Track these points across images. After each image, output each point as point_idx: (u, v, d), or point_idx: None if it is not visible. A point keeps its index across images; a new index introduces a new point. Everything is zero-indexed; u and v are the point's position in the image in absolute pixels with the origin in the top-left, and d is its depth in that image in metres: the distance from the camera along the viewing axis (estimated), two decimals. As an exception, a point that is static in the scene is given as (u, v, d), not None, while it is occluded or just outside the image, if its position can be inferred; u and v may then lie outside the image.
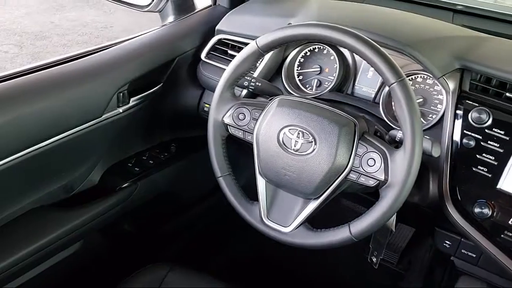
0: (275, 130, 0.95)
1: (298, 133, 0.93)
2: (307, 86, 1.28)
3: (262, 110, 0.99)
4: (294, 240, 0.96)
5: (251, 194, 1.05)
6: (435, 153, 0.91)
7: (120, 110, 1.18)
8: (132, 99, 1.21)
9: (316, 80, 1.26)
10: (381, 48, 0.87)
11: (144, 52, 1.24)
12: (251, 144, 1.00)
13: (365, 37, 0.88)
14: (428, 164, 1.07)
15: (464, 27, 1.28)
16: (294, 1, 1.39)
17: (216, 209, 1.59)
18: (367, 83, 1.22)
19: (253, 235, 1.05)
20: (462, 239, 1.14)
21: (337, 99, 1.20)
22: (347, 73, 1.24)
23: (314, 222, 0.97)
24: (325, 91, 1.22)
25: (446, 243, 1.16)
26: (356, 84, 1.24)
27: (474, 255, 1.13)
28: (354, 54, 1.06)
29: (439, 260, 1.34)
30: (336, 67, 1.21)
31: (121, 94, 1.17)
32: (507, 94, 1.00)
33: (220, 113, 1.03)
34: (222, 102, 1.03)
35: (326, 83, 1.24)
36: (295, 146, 0.93)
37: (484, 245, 0.98)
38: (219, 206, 1.03)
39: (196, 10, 1.46)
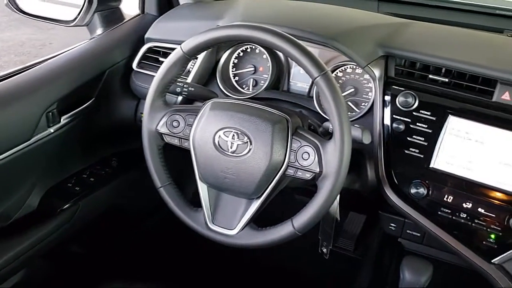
0: (210, 134, 0.95)
1: (233, 135, 0.93)
2: (244, 86, 1.28)
3: (196, 115, 0.99)
4: (241, 241, 0.96)
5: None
6: (366, 140, 0.93)
7: (51, 130, 1.14)
8: (63, 117, 1.17)
9: (252, 80, 1.27)
10: (302, 44, 0.88)
11: (71, 68, 1.20)
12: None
13: (286, 34, 0.89)
14: (363, 151, 1.10)
15: (389, 15, 1.33)
16: (222, 3, 1.39)
17: (170, 220, 1.57)
18: (301, 79, 1.24)
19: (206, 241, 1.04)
20: (405, 220, 1.17)
21: (274, 97, 1.21)
22: (281, 71, 1.25)
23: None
24: (261, 90, 1.23)
25: (391, 225, 1.20)
26: (291, 80, 1.26)
27: (419, 234, 1.17)
28: None
29: (388, 242, 1.38)
30: (269, 65, 1.23)
31: (50, 113, 1.13)
32: (430, 76, 1.04)
33: (153, 122, 1.02)
34: (154, 111, 1.02)
35: (262, 82, 1.25)
36: (231, 148, 0.93)
37: (424, 224, 1.02)
38: (172, 216, 1.02)
39: (124, 21, 1.43)
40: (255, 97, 1.21)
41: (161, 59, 1.29)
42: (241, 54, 1.28)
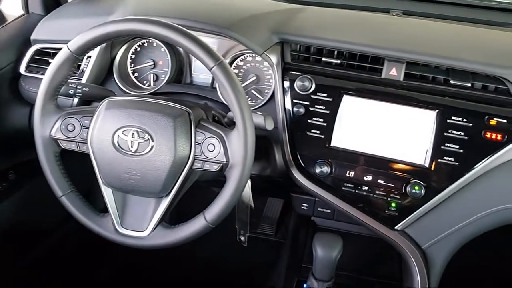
0: (108, 134, 0.91)
1: (133, 133, 0.90)
2: (144, 82, 1.25)
3: (91, 116, 0.94)
4: (153, 242, 0.94)
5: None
6: (269, 126, 0.95)
7: None
8: None
9: (152, 75, 1.24)
10: (195, 35, 0.87)
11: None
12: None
13: (177, 25, 0.87)
14: (270, 137, 1.12)
15: (283, 1, 1.36)
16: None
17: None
18: (203, 70, 1.23)
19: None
20: (316, 199, 1.22)
21: (177, 90, 1.19)
22: (182, 63, 1.24)
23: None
24: (162, 84, 1.20)
25: (303, 205, 1.24)
26: (193, 72, 1.24)
27: (329, 211, 1.22)
28: None
29: (303, 222, 1.43)
30: (168, 59, 1.20)
31: None
32: (324, 59, 1.07)
33: (46, 128, 0.95)
34: (46, 116, 0.95)
35: (163, 76, 1.23)
36: (132, 148, 0.90)
37: (331, 200, 1.06)
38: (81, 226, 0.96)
39: (6, 22, 1.32)
40: (157, 92, 1.18)
41: (51, 60, 1.21)
42: (138, 49, 1.24)
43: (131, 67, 1.24)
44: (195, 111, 0.94)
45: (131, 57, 1.24)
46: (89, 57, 1.17)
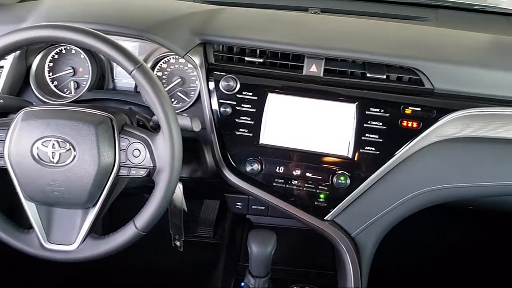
0: (26, 146, 0.86)
1: (53, 144, 0.86)
2: (65, 90, 1.20)
3: (7, 129, 0.89)
4: (83, 255, 0.91)
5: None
6: (196, 127, 0.95)
7: None
8: None
9: (72, 83, 1.20)
10: (111, 39, 0.85)
11: None
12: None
13: (92, 30, 0.85)
14: (199, 139, 1.12)
15: (205, 3, 1.36)
16: (26, 5, 1.26)
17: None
18: (125, 75, 1.20)
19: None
20: (249, 197, 1.23)
21: (99, 97, 1.16)
22: (103, 69, 1.20)
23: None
24: (84, 91, 1.16)
25: (237, 204, 1.25)
26: (115, 78, 1.22)
27: (263, 208, 1.24)
28: None
29: (239, 221, 1.44)
30: (89, 65, 1.17)
31: None
32: (247, 58, 1.09)
33: None
34: None
35: (84, 83, 1.19)
36: (53, 158, 0.86)
37: (263, 197, 1.08)
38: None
39: None
40: (78, 100, 1.14)
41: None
42: (56, 56, 1.19)
43: (49, 76, 1.19)
44: (118, 117, 0.92)
45: (49, 65, 1.19)
46: (1, 67, 1.11)
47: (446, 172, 1.04)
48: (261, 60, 1.08)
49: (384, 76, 1.05)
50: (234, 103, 1.06)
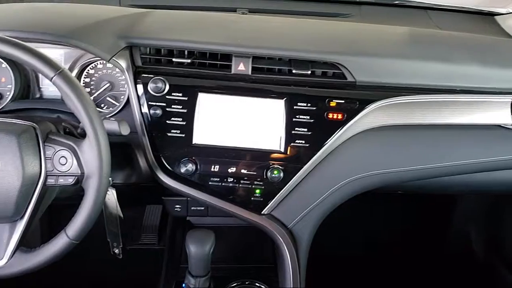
0: None
1: None
2: (-14, 102, 1.15)
3: None
4: (13, 270, 0.87)
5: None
6: (124, 131, 0.94)
7: None
8: None
9: None
10: (28, 46, 0.83)
11: None
12: None
13: (7, 37, 0.82)
14: (131, 143, 1.11)
15: (132, 7, 1.34)
16: None
17: None
18: (51, 83, 1.16)
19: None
20: (188, 199, 1.23)
21: (24, 107, 1.12)
22: (27, 78, 1.16)
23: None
24: (7, 102, 1.12)
25: (176, 207, 1.24)
26: (41, 86, 1.18)
27: (203, 208, 1.24)
28: None
29: (179, 224, 1.43)
30: (11, 75, 1.12)
31: None
32: (175, 59, 1.09)
33: None
34: None
35: (7, 93, 1.14)
36: None
37: (200, 197, 1.08)
38: None
39: None
40: (1, 111, 1.09)
41: None
42: (-26, 67, 1.14)
43: (-33, 88, 1.14)
44: (42, 125, 0.89)
45: (-34, 76, 1.14)
46: None
47: (373, 159, 1.10)
48: (190, 61, 1.09)
49: (309, 72, 1.08)
50: (164, 104, 1.06)
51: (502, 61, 1.19)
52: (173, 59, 1.09)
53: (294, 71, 1.08)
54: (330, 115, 1.06)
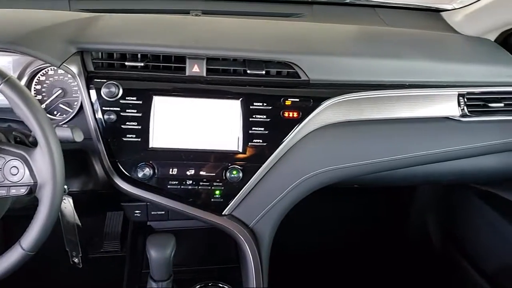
0: None
1: None
2: None
3: None
4: None
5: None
6: (78, 138, 0.92)
7: None
8: None
9: None
10: None
11: None
12: None
13: None
14: (86, 149, 1.09)
15: (82, 11, 1.31)
16: None
17: None
18: None
19: None
20: (148, 203, 1.21)
21: None
22: None
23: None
24: None
25: (136, 213, 1.23)
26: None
27: (163, 212, 1.23)
28: None
29: (140, 230, 1.41)
30: None
31: None
32: (128, 63, 1.08)
33: None
34: None
35: None
36: None
37: (159, 201, 1.07)
38: None
39: None
40: None
41: None
42: None
43: None
44: None
45: None
46: None
47: (329, 155, 1.12)
48: (143, 64, 1.07)
49: (264, 72, 1.09)
50: (118, 109, 1.04)
51: (448, 55, 1.25)
52: (126, 63, 1.07)
53: (248, 72, 1.09)
54: (286, 114, 1.08)
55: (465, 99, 1.17)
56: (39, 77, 1.13)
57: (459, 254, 1.59)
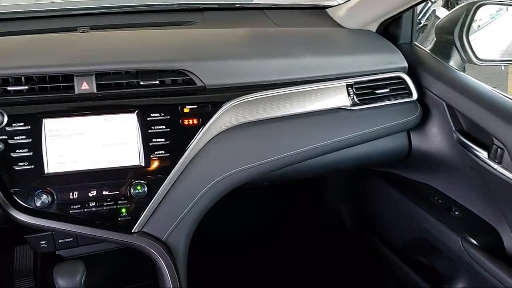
0: None
1: None
2: None
3: None
4: None
5: None
6: None
7: None
8: None
9: None
10: None
11: None
12: None
13: None
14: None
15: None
16: None
17: None
18: None
19: None
20: (53, 232, 1.15)
21: None
22: None
23: None
24: None
25: (42, 244, 1.16)
26: None
27: (71, 239, 1.17)
28: None
29: (50, 261, 1.34)
30: None
31: None
32: (10, 88, 1.01)
33: None
34: None
35: None
36: None
37: (63, 228, 1.03)
38: None
39: None
40: None
41: None
42: None
43: None
44: None
45: None
46: None
47: (234, 157, 1.14)
48: (28, 87, 1.02)
49: (157, 82, 1.08)
50: (5, 137, 0.98)
51: (334, 49, 1.32)
52: (9, 88, 1.01)
53: (142, 83, 1.07)
54: (186, 122, 1.07)
55: (354, 89, 1.25)
56: None
57: (372, 234, 1.68)
